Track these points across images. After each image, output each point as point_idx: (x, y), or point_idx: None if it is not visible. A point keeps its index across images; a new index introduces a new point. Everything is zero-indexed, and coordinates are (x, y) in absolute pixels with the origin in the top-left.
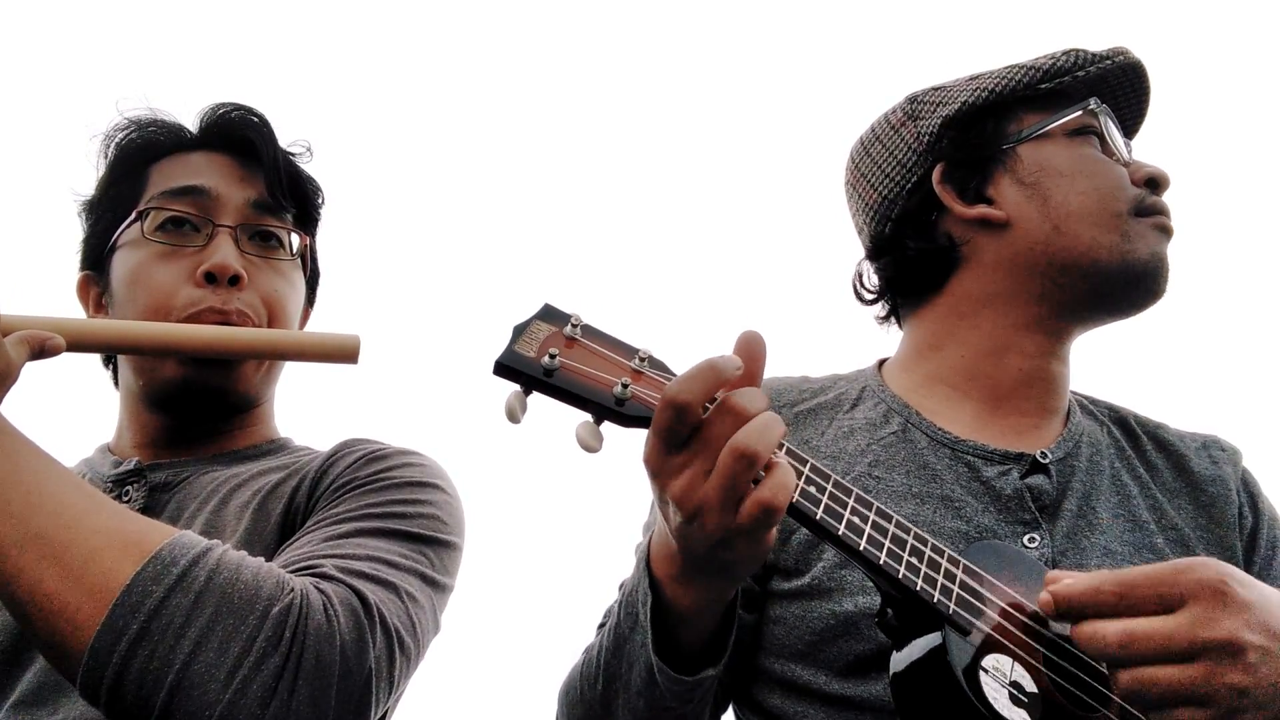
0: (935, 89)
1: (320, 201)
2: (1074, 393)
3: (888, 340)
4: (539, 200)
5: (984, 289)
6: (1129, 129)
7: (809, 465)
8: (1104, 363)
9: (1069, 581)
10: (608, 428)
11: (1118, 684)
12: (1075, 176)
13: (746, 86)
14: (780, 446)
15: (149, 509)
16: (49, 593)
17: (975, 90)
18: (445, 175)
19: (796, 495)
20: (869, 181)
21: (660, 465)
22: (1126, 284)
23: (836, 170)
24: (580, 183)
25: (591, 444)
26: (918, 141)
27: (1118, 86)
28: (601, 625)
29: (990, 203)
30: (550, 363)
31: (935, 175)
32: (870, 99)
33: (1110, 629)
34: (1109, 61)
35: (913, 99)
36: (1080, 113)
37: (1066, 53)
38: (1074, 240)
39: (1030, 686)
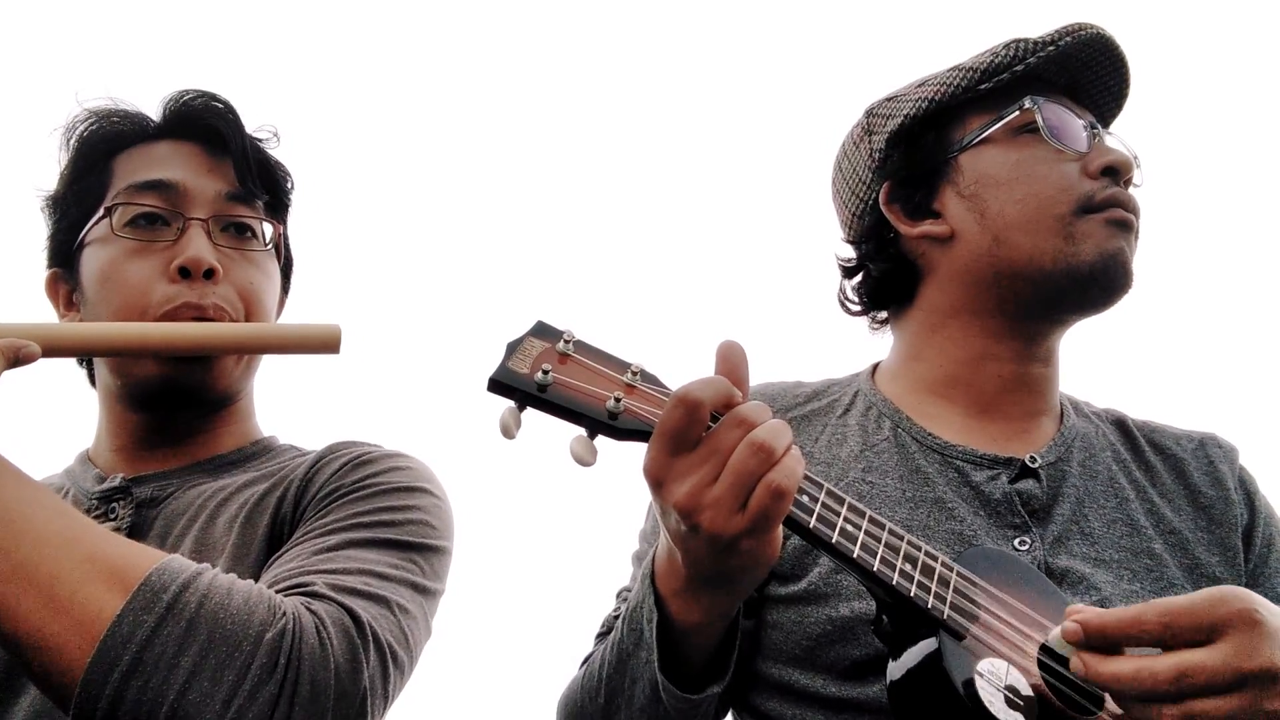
0: (888, 99)
1: (290, 187)
2: (1069, 396)
3: (884, 343)
4: (532, 209)
5: (948, 301)
6: (1110, 105)
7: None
8: (1099, 360)
9: (1098, 611)
10: (602, 441)
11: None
12: (1012, 184)
13: (735, 98)
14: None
15: (136, 526)
16: (37, 626)
17: (917, 101)
18: (439, 185)
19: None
20: (841, 199)
21: (663, 471)
22: (1077, 287)
23: (826, 178)
24: (572, 196)
25: (586, 458)
26: (871, 159)
27: (1090, 63)
28: (600, 635)
29: (937, 216)
30: (544, 379)
31: (881, 196)
32: (860, 103)
33: (1163, 665)
34: (1053, 47)
35: (869, 112)
36: (1017, 113)
37: (1007, 45)
38: (1014, 250)
39: (1025, 690)
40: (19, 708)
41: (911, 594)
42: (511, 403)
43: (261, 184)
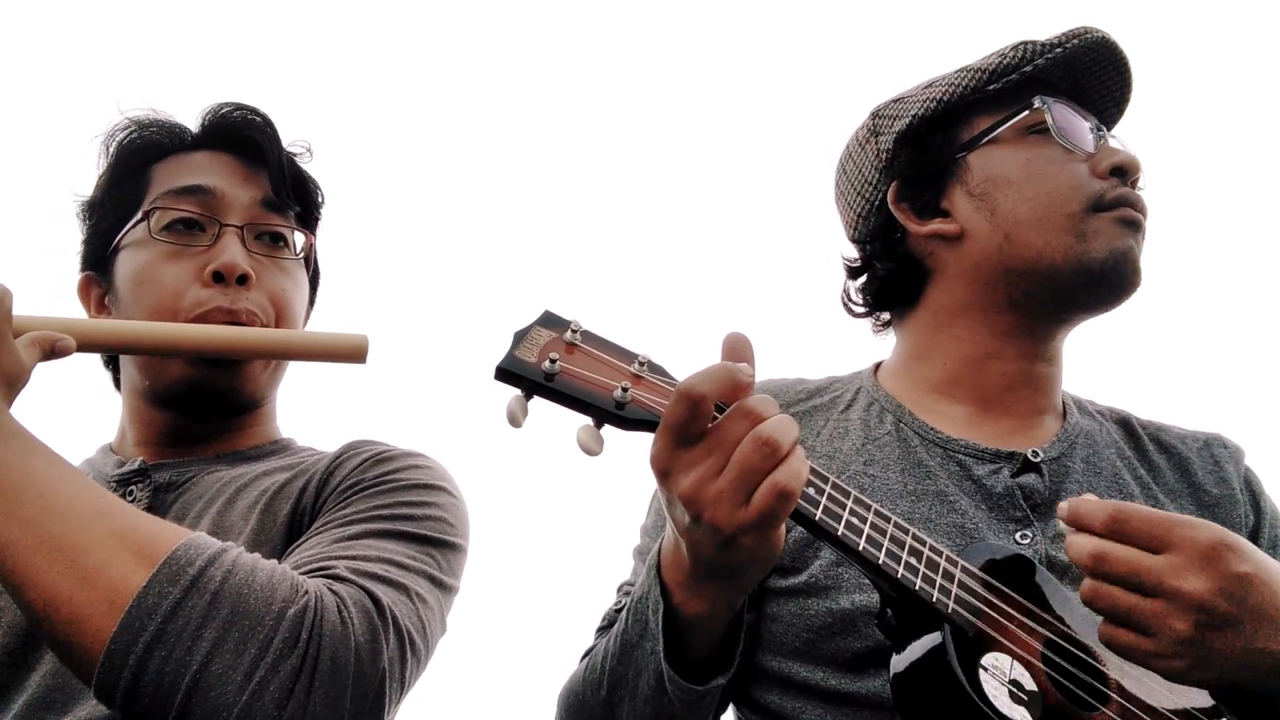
0: (895, 100)
1: (321, 201)
2: (1072, 395)
3: (887, 343)
4: (539, 205)
5: (955, 300)
6: (1112, 109)
7: (808, 467)
8: (1103, 361)
9: (1088, 496)
10: (608, 431)
11: (1080, 590)
12: (1023, 183)
13: (744, 91)
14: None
15: (153, 509)
16: (63, 597)
17: (925, 101)
18: (448, 181)
19: None
20: (846, 200)
21: (669, 462)
22: (1087, 285)
23: (830, 179)
24: (581, 188)
25: (592, 447)
26: (878, 159)
27: (1093, 67)
28: (601, 629)
29: (946, 215)
30: (551, 368)
31: (890, 195)
32: (867, 102)
33: (1087, 541)
34: (1060, 49)
35: (875, 114)
36: (1026, 113)
37: (1015, 47)
38: (1025, 248)
39: (1029, 684)
40: (29, 684)
41: (916, 588)
42: (519, 392)
43: (294, 195)
